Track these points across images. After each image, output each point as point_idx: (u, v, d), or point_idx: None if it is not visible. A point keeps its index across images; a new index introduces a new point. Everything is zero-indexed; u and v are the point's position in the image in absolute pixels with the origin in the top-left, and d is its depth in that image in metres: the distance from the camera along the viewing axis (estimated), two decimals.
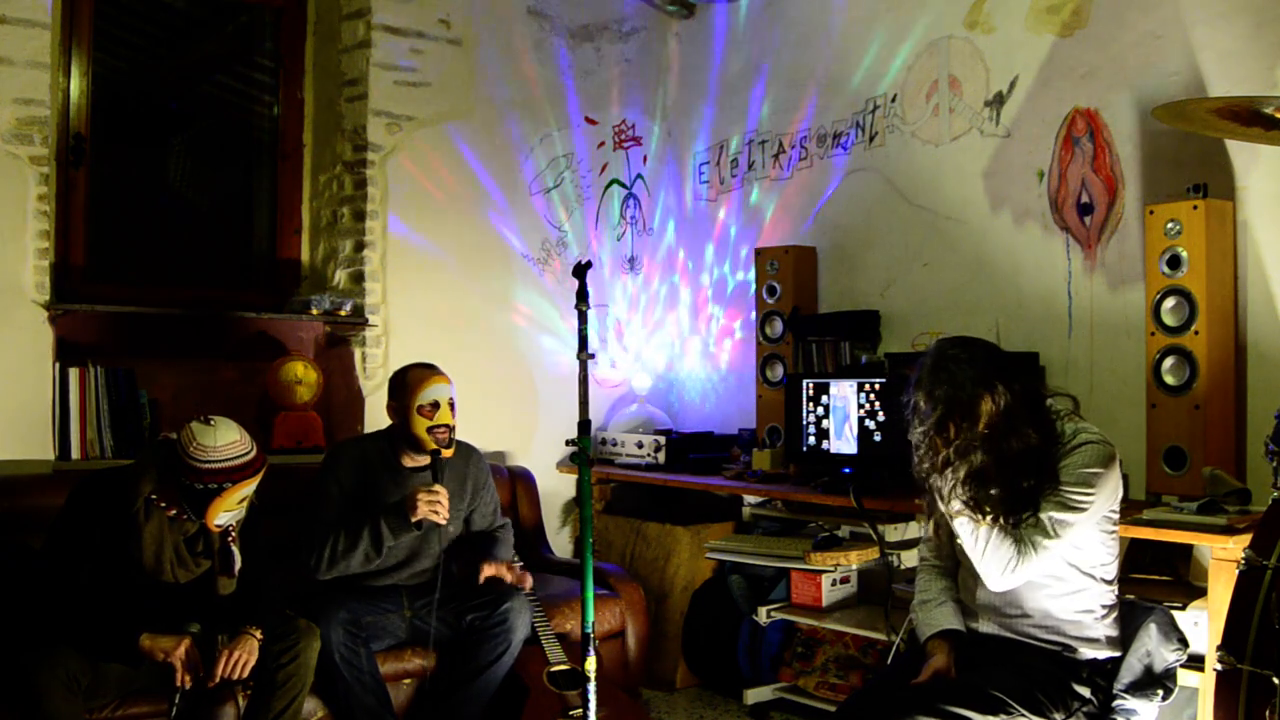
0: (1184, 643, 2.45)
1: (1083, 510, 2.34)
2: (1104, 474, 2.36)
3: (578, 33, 4.71)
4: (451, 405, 3.28)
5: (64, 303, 3.55)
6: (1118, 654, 2.44)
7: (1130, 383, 3.30)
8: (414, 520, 3.08)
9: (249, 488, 2.73)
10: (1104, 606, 2.44)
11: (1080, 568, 2.42)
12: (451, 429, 3.27)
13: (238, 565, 2.80)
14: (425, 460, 3.24)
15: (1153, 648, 2.41)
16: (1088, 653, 2.41)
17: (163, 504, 2.72)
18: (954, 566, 2.64)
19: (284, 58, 4.24)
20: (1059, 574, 2.41)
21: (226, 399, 3.71)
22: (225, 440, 2.67)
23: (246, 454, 2.70)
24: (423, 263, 4.29)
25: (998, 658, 2.43)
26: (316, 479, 3.31)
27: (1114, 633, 2.45)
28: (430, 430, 3.22)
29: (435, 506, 3.08)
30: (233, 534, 2.79)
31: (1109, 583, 2.45)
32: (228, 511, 2.72)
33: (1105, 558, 2.43)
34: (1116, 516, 2.46)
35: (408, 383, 3.27)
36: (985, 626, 2.51)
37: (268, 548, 2.94)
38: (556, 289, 4.67)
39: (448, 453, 3.26)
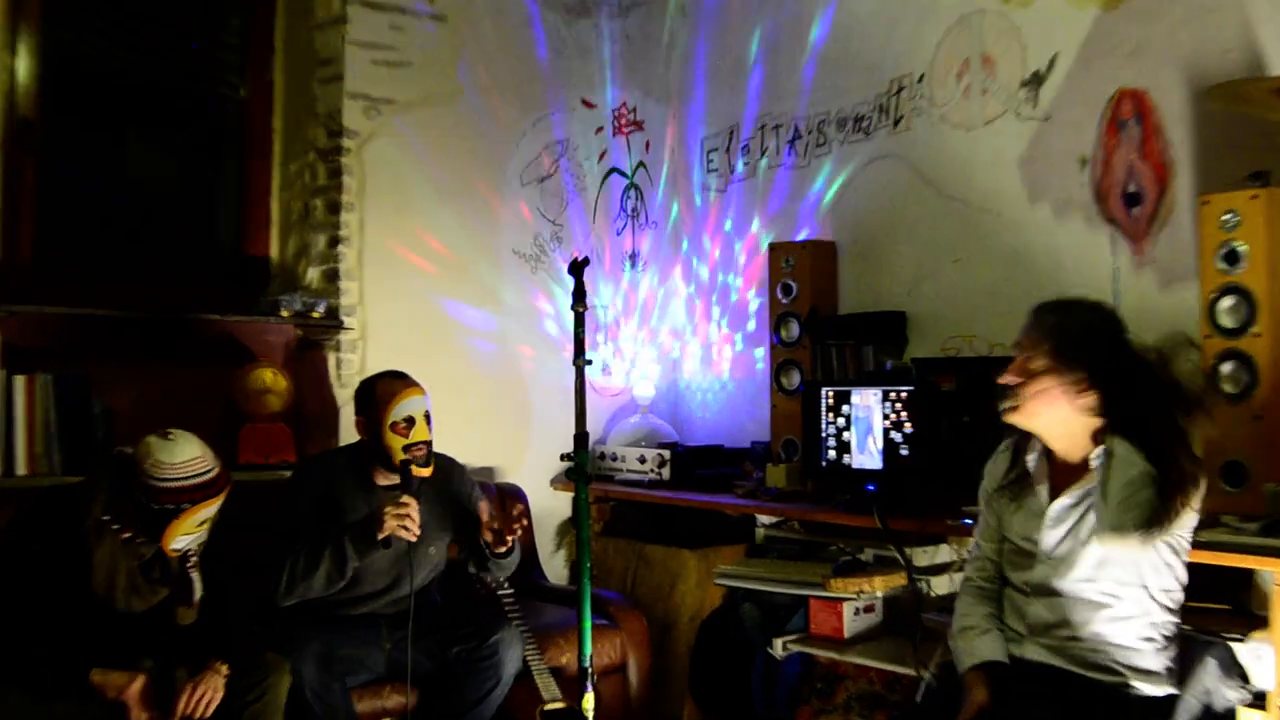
0: (1246, 679, 2.44)
1: None
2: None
3: (573, 8, 4.66)
4: (428, 418, 3.19)
5: (9, 304, 3.47)
6: (1174, 690, 2.37)
7: None
8: (381, 537, 2.96)
9: (211, 508, 2.66)
10: (1164, 637, 2.38)
11: (1149, 589, 2.35)
12: (429, 445, 3.17)
13: (197, 593, 2.74)
14: (398, 478, 3.14)
15: (1212, 685, 2.38)
16: (1142, 687, 2.34)
17: (116, 525, 2.65)
18: (1000, 588, 2.59)
19: (251, 35, 4.18)
20: (1117, 593, 2.36)
21: (187, 409, 3.59)
22: (185, 456, 2.61)
23: (208, 472, 2.64)
24: (403, 260, 4.21)
25: (1043, 692, 2.36)
26: (282, 496, 3.25)
27: (1173, 666, 2.39)
28: (406, 449, 3.13)
29: (404, 521, 2.97)
30: (192, 559, 2.72)
31: (1173, 612, 2.39)
32: (186, 534, 2.65)
33: (1170, 583, 2.37)
34: (1189, 541, 2.39)
35: (377, 397, 3.18)
36: (1033, 652, 2.44)
37: (233, 573, 2.88)
38: (551, 288, 4.61)
39: (425, 471, 3.17)
